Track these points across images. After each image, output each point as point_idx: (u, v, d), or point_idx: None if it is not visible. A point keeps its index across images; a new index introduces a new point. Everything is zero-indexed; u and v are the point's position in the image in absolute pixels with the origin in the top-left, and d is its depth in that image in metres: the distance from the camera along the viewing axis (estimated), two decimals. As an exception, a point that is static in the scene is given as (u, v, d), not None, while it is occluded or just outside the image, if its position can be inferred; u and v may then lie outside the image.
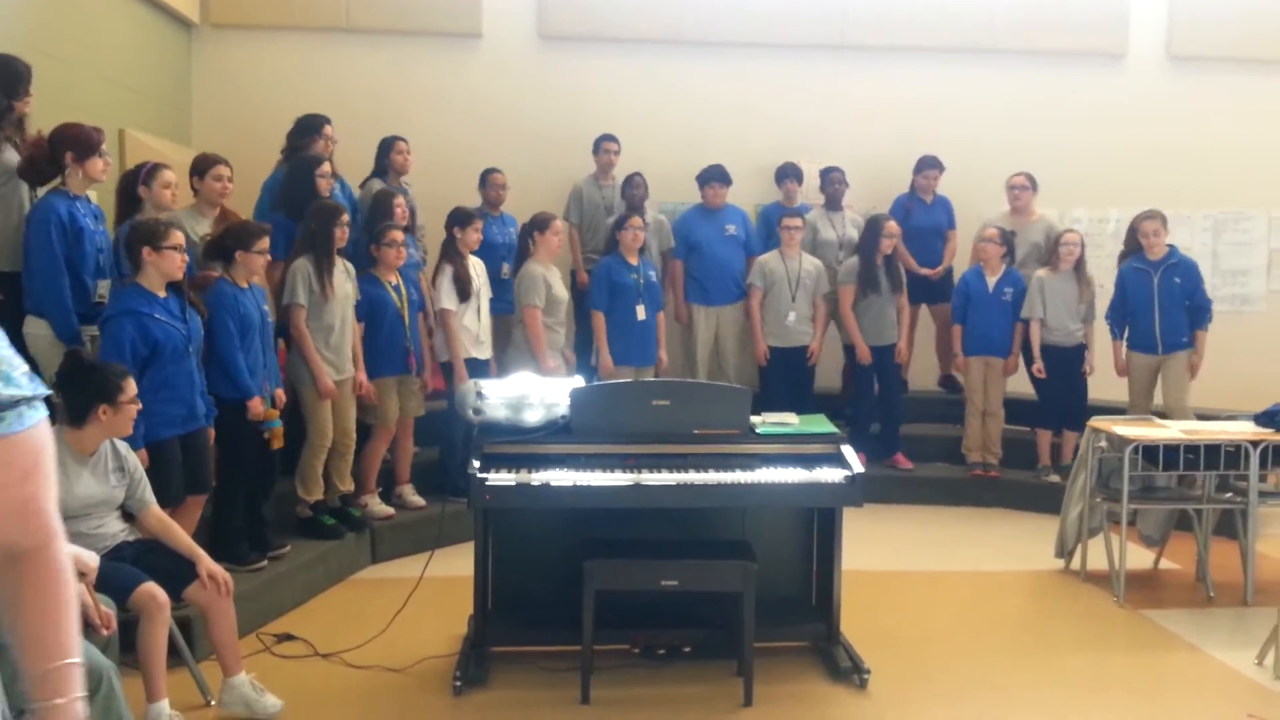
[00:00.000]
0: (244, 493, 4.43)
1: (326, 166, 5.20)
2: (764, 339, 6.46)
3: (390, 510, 5.35)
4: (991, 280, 6.39)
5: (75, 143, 3.92)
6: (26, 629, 1.33)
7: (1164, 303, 5.93)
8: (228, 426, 4.18)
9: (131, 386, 3.31)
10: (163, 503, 3.69)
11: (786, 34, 7.33)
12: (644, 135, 7.09)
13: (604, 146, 6.80)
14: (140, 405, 3.35)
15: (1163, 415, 5.49)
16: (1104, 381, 6.41)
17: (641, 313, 5.95)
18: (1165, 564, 5.32)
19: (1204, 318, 5.98)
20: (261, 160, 5.59)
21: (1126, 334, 6.12)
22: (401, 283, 5.23)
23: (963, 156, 7.14)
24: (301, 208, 5.01)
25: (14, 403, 1.26)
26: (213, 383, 4.12)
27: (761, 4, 7.30)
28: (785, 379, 6.45)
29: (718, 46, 7.34)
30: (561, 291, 5.81)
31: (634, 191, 6.56)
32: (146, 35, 6.39)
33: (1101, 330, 6.32)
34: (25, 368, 1.30)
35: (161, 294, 3.83)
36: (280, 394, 4.52)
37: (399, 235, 5.15)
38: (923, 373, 7.32)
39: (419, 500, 5.49)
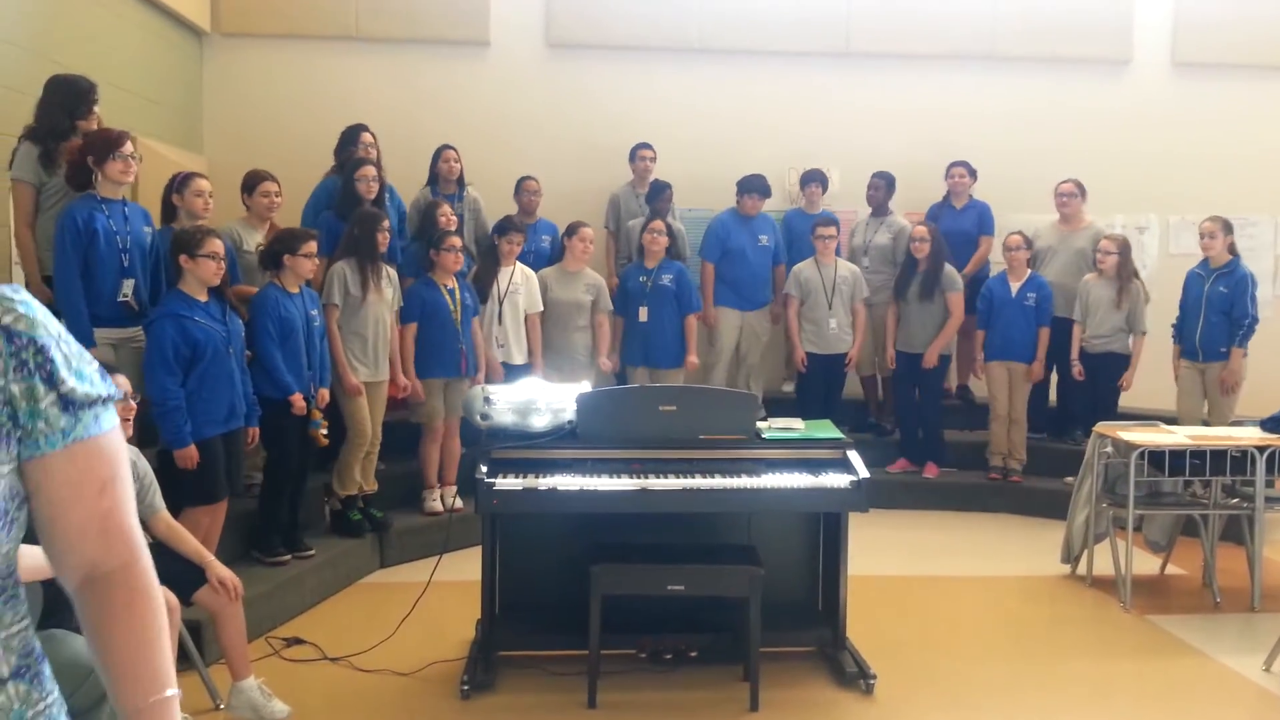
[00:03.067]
0: (288, 489, 4.58)
1: (367, 170, 5.34)
2: (802, 346, 6.48)
3: (440, 507, 5.45)
4: (1015, 285, 6.37)
5: (94, 146, 4.02)
6: (116, 659, 1.19)
7: (1208, 310, 5.88)
8: (271, 425, 4.36)
9: (119, 381, 3.29)
10: (208, 499, 3.93)
11: (792, 42, 7.36)
12: (652, 143, 7.12)
13: (639, 154, 6.82)
14: (134, 408, 3.34)
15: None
16: (1139, 392, 6.35)
17: (643, 314, 6.01)
18: (1172, 569, 5.32)
19: (1238, 331, 5.85)
20: (272, 166, 5.62)
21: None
22: (458, 287, 5.35)
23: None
24: (349, 210, 5.21)
25: (90, 402, 1.15)
26: (257, 384, 4.30)
27: (768, 12, 7.32)
28: (823, 386, 6.49)
29: (725, 54, 7.37)
30: (562, 294, 5.89)
31: (661, 205, 6.52)
32: (157, 44, 6.44)
33: (1146, 343, 6.25)
34: (97, 364, 1.19)
35: (202, 298, 3.97)
36: (324, 393, 4.68)
37: (457, 241, 5.34)
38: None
39: (459, 504, 5.47)
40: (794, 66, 7.41)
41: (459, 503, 5.41)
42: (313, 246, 4.50)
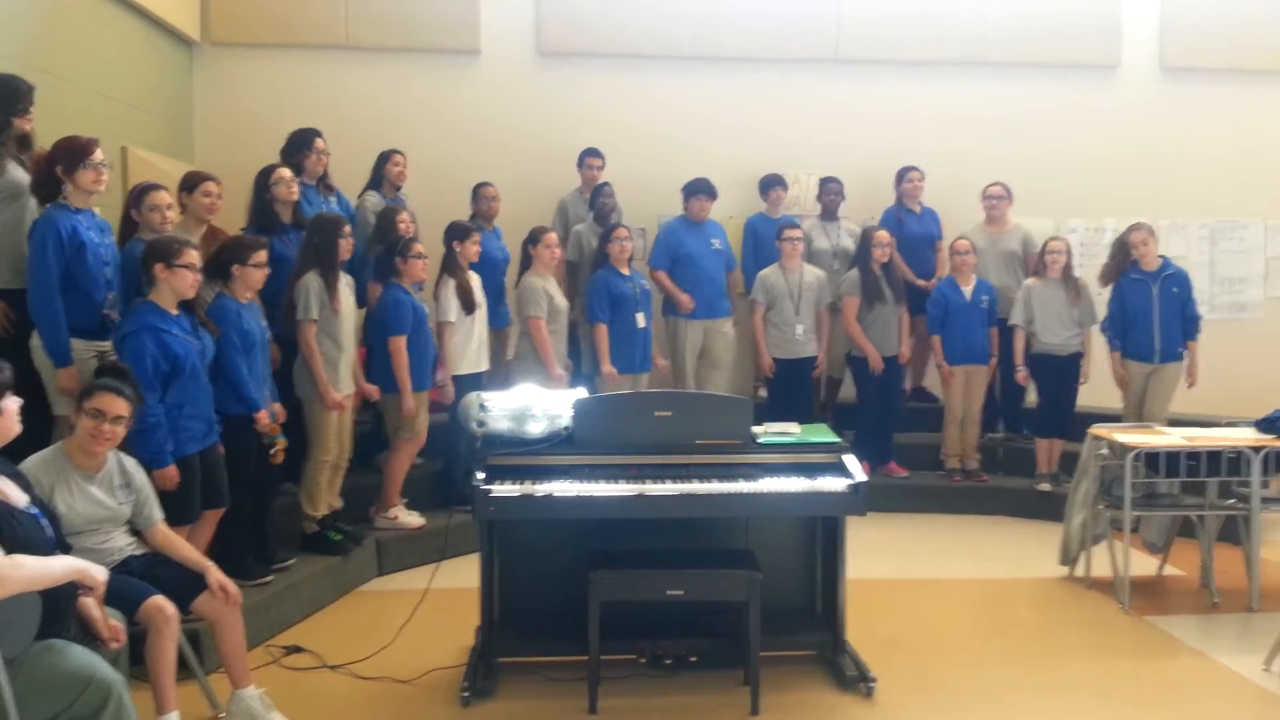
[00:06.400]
0: (250, 507, 4.42)
1: (281, 173, 5.15)
2: (768, 351, 6.48)
3: (421, 520, 5.35)
4: (967, 290, 6.43)
5: (63, 155, 3.88)
6: None
7: (1163, 313, 5.95)
8: (232, 442, 4.18)
9: (100, 399, 3.21)
10: (185, 519, 3.78)
11: (782, 48, 7.38)
12: (641, 150, 7.15)
13: (588, 161, 6.86)
14: (107, 421, 3.23)
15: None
16: (1095, 389, 6.42)
17: (641, 320, 6.01)
18: (1169, 570, 5.33)
19: (1195, 329, 6.04)
20: (262, 176, 5.63)
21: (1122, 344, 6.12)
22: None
23: (956, 168, 7.17)
24: (263, 220, 5.04)
25: None
26: (218, 399, 4.11)
27: (757, 19, 7.35)
28: (790, 391, 6.48)
29: (714, 61, 7.38)
30: (562, 301, 5.88)
31: (603, 201, 6.59)
32: (147, 53, 6.42)
33: (1098, 339, 6.33)
34: None
35: (174, 311, 3.84)
36: (280, 409, 4.53)
37: (422, 248, 5.22)
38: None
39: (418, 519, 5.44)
40: (784, 73, 7.43)
41: (415, 518, 5.37)
42: (263, 256, 4.28)
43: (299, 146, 5.55)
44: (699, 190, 6.56)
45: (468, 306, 5.48)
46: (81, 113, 5.34)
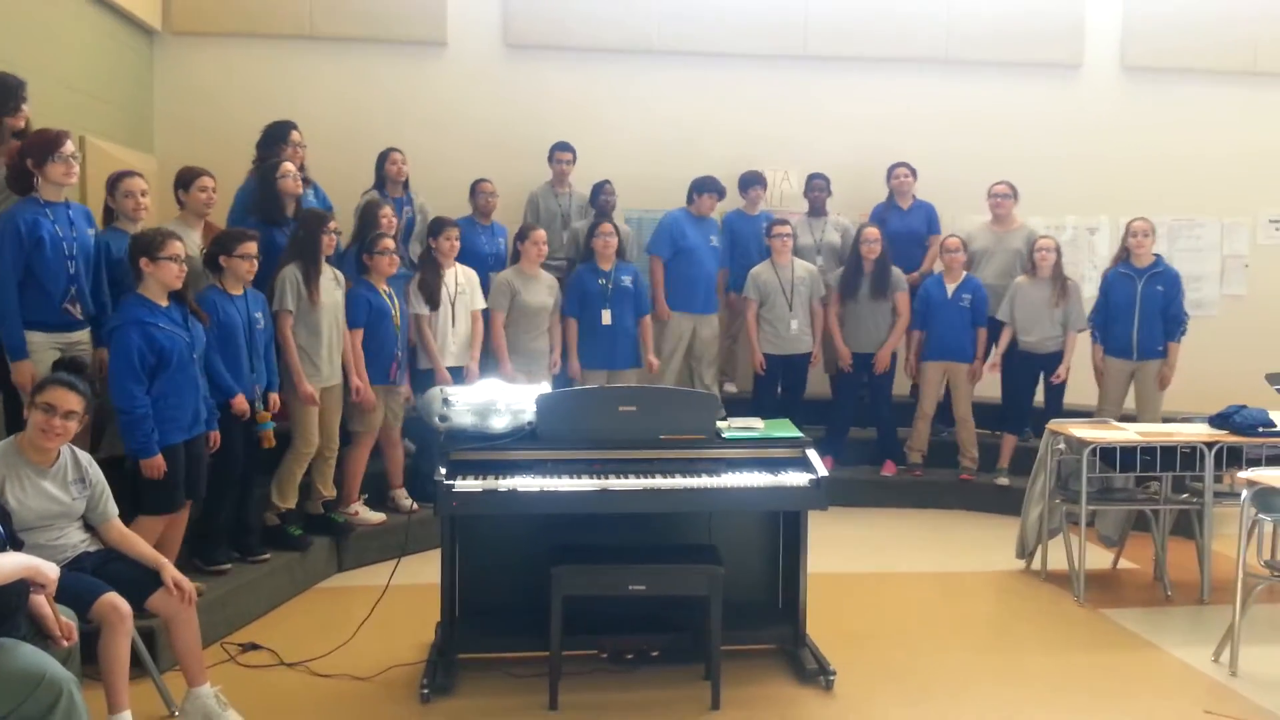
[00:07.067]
0: (231, 495, 4.48)
1: (287, 166, 5.18)
2: (760, 347, 6.48)
3: (382, 516, 5.34)
4: (951, 287, 6.47)
5: (34, 148, 3.88)
6: None
7: (1144, 310, 6.01)
8: (219, 428, 4.25)
9: (52, 393, 3.19)
10: (169, 509, 3.89)
11: (750, 44, 7.40)
12: (609, 144, 7.13)
13: (557, 156, 6.84)
14: (58, 416, 3.18)
15: (1134, 420, 5.58)
16: (1077, 387, 6.44)
17: (606, 317, 5.99)
18: (1124, 564, 5.42)
19: (1177, 329, 6.05)
20: (224, 167, 5.52)
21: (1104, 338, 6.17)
22: (392, 292, 5.26)
23: (921, 166, 7.19)
24: (272, 214, 5.07)
25: None
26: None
27: (726, 14, 7.36)
28: (782, 386, 6.51)
29: (683, 56, 7.38)
30: (532, 298, 5.82)
31: (604, 199, 6.60)
32: (108, 42, 6.32)
33: (1079, 338, 6.33)
34: None
35: (163, 303, 3.87)
36: (275, 398, 4.57)
37: (390, 244, 5.20)
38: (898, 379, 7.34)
39: (411, 504, 5.49)
40: (752, 68, 7.45)
41: (411, 502, 5.43)
42: (251, 247, 4.35)
43: (275, 139, 5.51)
44: (709, 188, 6.57)
45: (431, 302, 5.46)
46: (40, 102, 5.19)
